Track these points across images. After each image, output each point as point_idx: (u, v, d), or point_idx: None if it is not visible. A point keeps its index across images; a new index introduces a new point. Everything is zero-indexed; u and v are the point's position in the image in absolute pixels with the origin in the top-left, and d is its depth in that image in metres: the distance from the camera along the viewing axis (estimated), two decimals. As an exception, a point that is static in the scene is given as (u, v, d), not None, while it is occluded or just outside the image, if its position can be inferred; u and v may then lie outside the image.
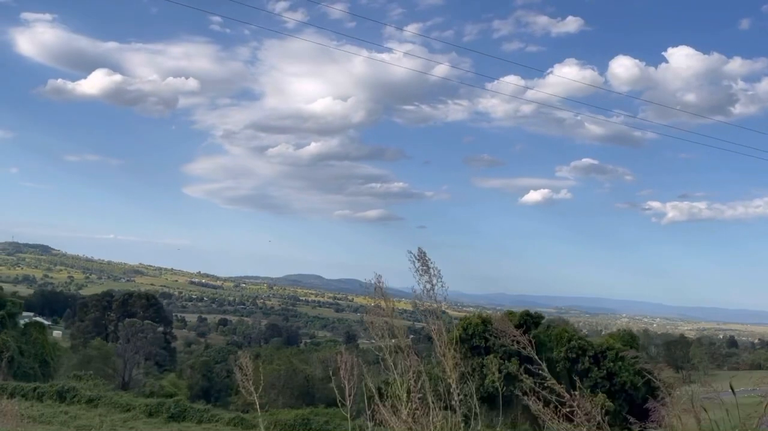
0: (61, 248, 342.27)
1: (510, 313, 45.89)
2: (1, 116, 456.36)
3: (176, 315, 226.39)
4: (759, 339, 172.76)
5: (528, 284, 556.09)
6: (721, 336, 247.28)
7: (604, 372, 41.49)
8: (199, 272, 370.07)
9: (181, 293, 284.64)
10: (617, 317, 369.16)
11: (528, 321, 43.53)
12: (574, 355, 40.99)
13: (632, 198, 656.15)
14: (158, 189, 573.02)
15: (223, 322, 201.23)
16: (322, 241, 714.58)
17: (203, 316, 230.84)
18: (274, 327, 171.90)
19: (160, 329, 79.78)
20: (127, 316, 76.29)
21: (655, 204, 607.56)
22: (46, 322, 75.88)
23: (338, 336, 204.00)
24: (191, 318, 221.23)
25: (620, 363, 41.09)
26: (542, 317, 40.47)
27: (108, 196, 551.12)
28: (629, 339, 50.92)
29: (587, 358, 41.70)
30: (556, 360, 40.51)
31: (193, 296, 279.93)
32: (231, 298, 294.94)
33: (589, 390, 35.64)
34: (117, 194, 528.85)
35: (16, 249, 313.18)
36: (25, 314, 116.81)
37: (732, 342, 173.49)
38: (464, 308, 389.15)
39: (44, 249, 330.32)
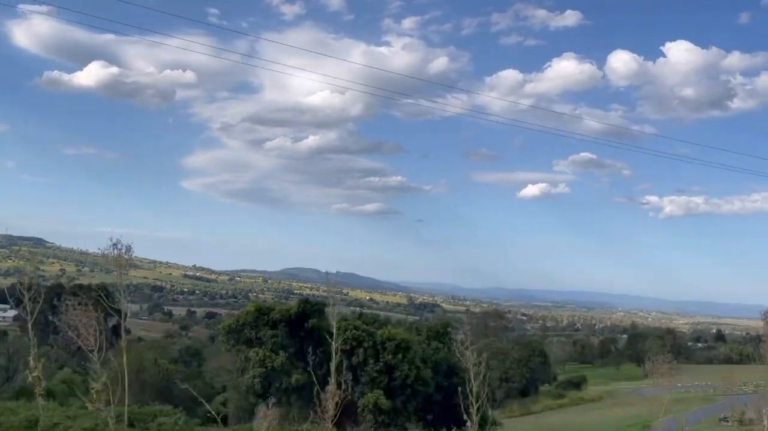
0: (55, 241, 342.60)
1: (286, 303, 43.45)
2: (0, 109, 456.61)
3: (164, 308, 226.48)
4: (747, 333, 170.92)
5: (526, 278, 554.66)
6: (715, 331, 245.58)
7: (382, 364, 37.88)
8: (195, 265, 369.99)
9: (173, 286, 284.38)
10: (613, 311, 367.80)
11: (307, 310, 40.53)
12: (349, 346, 36.92)
13: (630, 192, 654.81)
14: (156, 182, 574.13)
15: (211, 315, 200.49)
16: (320, 235, 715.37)
17: (193, 309, 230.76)
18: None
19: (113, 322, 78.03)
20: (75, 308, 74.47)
21: (653, 199, 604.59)
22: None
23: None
24: (180, 311, 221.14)
25: (402, 355, 37.82)
26: (324, 305, 36.35)
27: (105, 189, 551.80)
28: (441, 328, 46.30)
29: (363, 349, 37.98)
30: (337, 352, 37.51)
31: (185, 290, 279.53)
32: (224, 291, 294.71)
33: (369, 385, 33.42)
34: (114, 186, 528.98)
35: (9, 242, 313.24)
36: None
37: (719, 336, 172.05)
38: (460, 302, 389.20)
39: (38, 242, 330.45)
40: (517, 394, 55.29)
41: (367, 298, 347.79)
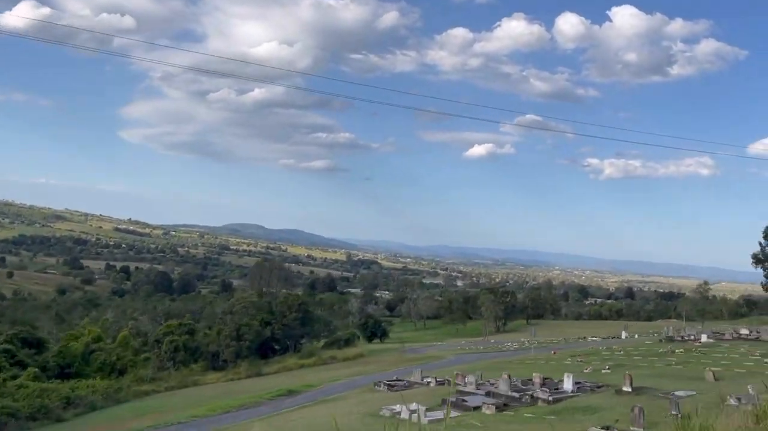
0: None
1: None
2: None
3: (80, 262, 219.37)
4: (655, 291, 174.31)
5: (470, 237, 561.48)
6: (636, 289, 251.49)
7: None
8: (130, 219, 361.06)
9: (98, 239, 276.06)
10: (550, 269, 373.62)
11: None
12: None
13: (573, 155, 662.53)
14: (92, 132, 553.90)
15: (125, 269, 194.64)
16: (265, 190, 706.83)
17: (113, 263, 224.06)
18: (163, 275, 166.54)
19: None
20: None
21: (594, 161, 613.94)
22: None
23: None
24: (99, 266, 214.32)
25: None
26: None
27: (38, 138, 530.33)
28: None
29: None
30: None
31: (111, 243, 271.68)
32: (153, 245, 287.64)
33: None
34: (47, 136, 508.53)
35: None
36: None
37: (628, 293, 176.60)
38: (400, 260, 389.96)
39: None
40: (250, 353, 52.43)
41: (305, 255, 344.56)
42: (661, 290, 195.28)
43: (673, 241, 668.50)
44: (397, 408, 21.62)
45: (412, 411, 15.90)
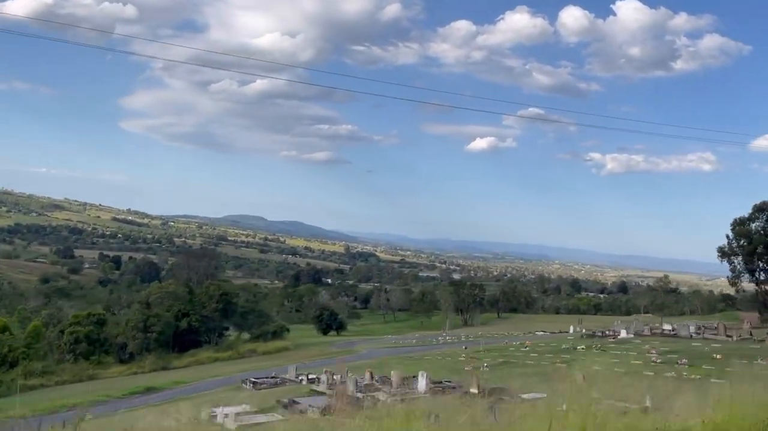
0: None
1: None
2: None
3: (73, 251, 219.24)
4: (648, 285, 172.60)
5: (472, 231, 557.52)
6: (634, 283, 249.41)
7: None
8: (129, 209, 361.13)
9: (94, 229, 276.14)
10: (550, 263, 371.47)
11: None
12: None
13: (575, 149, 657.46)
14: (93, 122, 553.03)
15: (116, 259, 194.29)
16: (267, 182, 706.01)
17: (106, 253, 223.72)
18: (152, 265, 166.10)
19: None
20: None
21: (596, 155, 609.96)
22: None
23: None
24: (93, 255, 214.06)
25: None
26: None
27: (39, 127, 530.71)
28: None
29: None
30: None
31: (107, 233, 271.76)
32: (150, 236, 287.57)
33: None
34: (47, 125, 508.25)
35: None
36: None
37: (622, 288, 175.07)
38: (400, 252, 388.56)
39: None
40: (160, 345, 50.59)
41: (303, 246, 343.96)
42: (650, 285, 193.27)
43: (675, 236, 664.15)
44: (218, 410, 20.28)
45: (225, 415, 14.58)
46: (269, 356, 45.26)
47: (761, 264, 57.80)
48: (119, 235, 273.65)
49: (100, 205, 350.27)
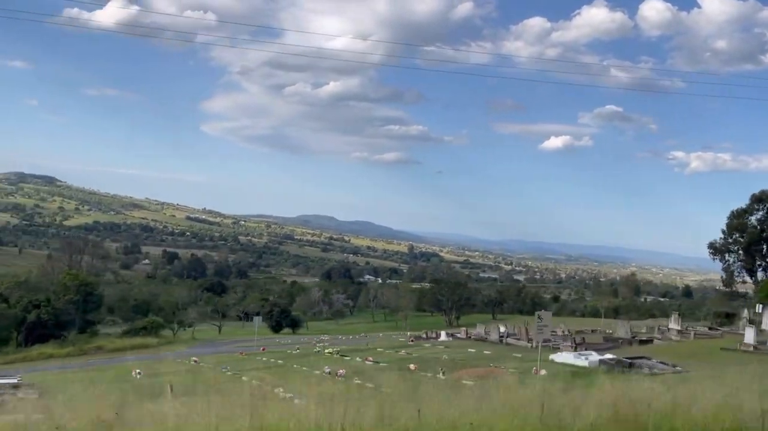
0: (67, 180, 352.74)
1: None
2: (20, 47, 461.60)
3: (140, 248, 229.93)
4: (716, 288, 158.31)
5: (545, 232, 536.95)
6: (717, 288, 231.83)
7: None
8: (204, 208, 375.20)
9: (165, 227, 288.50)
10: (626, 266, 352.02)
11: None
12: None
13: (655, 147, 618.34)
14: (175, 125, 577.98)
15: (174, 255, 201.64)
16: (338, 182, 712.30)
17: (171, 250, 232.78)
18: (198, 262, 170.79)
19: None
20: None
21: (679, 154, 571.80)
22: None
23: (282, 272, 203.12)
24: (158, 252, 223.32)
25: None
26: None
27: (125, 131, 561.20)
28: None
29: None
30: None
31: (176, 231, 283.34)
32: (218, 234, 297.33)
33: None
34: (134, 129, 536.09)
35: (20, 179, 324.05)
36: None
37: (686, 292, 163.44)
38: (466, 253, 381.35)
39: (49, 180, 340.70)
40: None
41: (366, 246, 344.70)
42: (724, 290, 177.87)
43: None
44: None
45: None
46: (117, 353, 42.71)
47: (763, 263, 50.41)
48: (188, 233, 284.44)
49: (177, 204, 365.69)
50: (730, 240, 50.51)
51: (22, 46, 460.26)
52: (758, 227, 48.67)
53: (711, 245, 52.08)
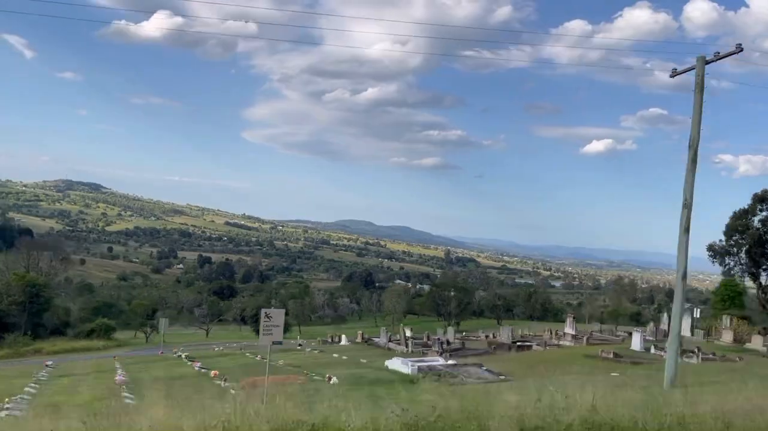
0: (112, 187, 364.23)
1: None
2: (71, 58, 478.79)
3: (176, 253, 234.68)
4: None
5: (586, 238, 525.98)
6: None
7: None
8: (244, 214, 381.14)
9: (203, 232, 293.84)
10: (669, 272, 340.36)
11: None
12: None
13: (702, 150, 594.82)
14: (218, 133, 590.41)
15: (207, 260, 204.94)
16: (377, 187, 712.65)
17: (206, 254, 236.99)
18: (227, 266, 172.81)
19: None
20: None
21: (726, 157, 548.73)
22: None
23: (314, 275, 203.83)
24: (192, 256, 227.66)
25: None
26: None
27: (170, 138, 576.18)
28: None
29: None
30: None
31: (213, 236, 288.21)
32: (255, 239, 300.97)
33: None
34: (178, 136, 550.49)
35: (68, 186, 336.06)
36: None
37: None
38: (504, 259, 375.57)
39: (95, 187, 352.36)
40: None
41: (402, 251, 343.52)
42: None
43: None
44: None
45: None
46: (42, 356, 42.07)
47: (766, 265, 47.06)
48: (224, 238, 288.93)
49: (217, 210, 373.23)
50: (732, 242, 47.46)
51: (73, 58, 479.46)
52: (761, 229, 45.51)
53: (710, 248, 49.03)
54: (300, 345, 44.89)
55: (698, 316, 46.06)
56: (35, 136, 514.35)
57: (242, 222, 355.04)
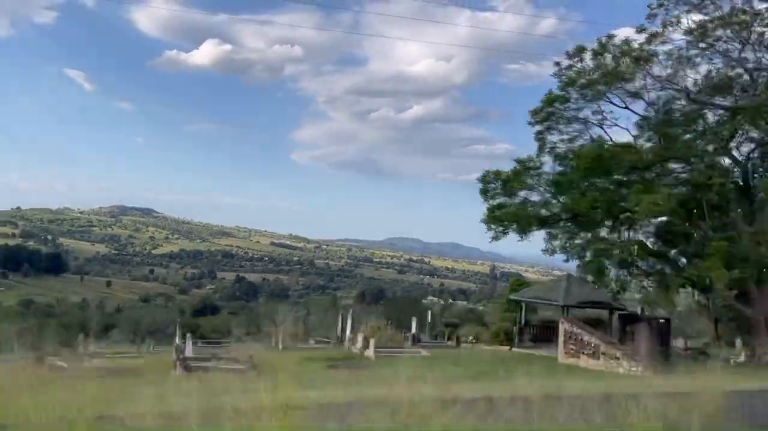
0: (164, 211, 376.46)
1: None
2: (126, 89, 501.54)
3: (215, 274, 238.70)
4: None
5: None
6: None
7: None
8: (290, 234, 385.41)
9: (246, 253, 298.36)
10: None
11: None
12: None
13: None
14: (268, 155, 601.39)
15: (241, 279, 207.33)
16: (424, 204, 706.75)
17: (242, 275, 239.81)
18: (250, 285, 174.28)
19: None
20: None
21: None
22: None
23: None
24: (230, 276, 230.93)
25: None
26: None
27: (220, 162, 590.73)
28: None
29: None
30: None
31: (254, 257, 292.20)
32: (295, 259, 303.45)
33: None
34: (228, 160, 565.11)
35: (121, 212, 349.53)
36: None
37: None
38: (554, 273, 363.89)
39: (147, 212, 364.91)
40: None
41: (445, 267, 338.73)
42: None
43: None
44: None
45: None
46: None
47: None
48: (265, 258, 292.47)
49: (265, 231, 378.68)
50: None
51: (128, 88, 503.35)
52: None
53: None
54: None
55: None
56: (93, 164, 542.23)
57: (288, 242, 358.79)
